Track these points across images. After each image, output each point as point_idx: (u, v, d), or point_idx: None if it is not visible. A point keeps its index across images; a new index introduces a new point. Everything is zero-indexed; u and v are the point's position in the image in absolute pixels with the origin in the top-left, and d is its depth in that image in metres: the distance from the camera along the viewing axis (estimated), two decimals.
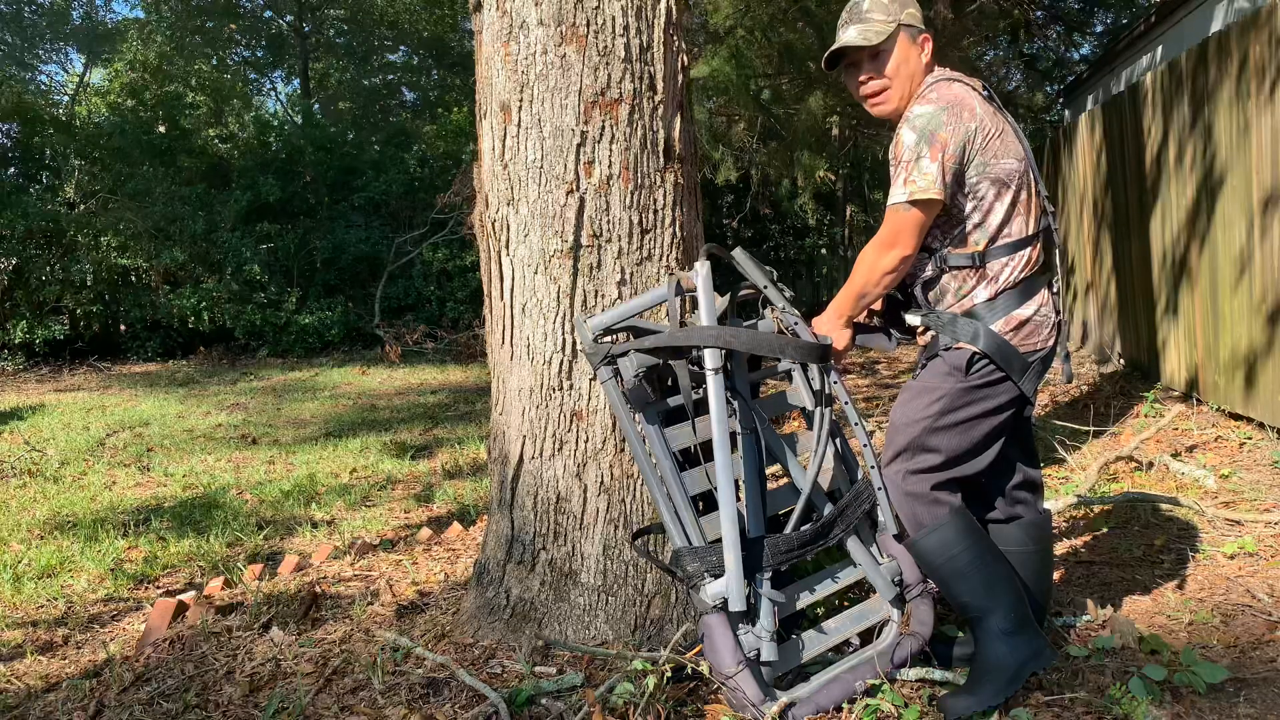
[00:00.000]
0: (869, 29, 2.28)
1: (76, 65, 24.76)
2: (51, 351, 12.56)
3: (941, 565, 2.28)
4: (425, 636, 2.79)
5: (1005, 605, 2.26)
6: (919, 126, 2.17)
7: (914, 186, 2.15)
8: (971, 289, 2.27)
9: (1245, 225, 4.91)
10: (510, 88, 2.58)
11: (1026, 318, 2.25)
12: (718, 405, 2.25)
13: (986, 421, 2.28)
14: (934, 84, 2.27)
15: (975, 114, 2.18)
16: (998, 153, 2.20)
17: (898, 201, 2.18)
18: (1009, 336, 2.24)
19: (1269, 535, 3.35)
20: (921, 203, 2.16)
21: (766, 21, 8.53)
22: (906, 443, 2.31)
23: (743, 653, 2.16)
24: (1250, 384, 4.93)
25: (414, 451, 6.14)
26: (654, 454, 2.35)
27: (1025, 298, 2.25)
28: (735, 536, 2.18)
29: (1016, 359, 2.24)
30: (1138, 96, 6.41)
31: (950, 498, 2.31)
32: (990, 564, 2.29)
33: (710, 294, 2.35)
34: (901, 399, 2.37)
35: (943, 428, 2.27)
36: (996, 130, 2.21)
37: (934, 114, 2.17)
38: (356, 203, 14.28)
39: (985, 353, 2.23)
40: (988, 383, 2.26)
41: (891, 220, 2.21)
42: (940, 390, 2.27)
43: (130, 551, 4.05)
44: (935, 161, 2.14)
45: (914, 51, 2.30)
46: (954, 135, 2.15)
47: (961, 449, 2.28)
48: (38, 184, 14.62)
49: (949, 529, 2.27)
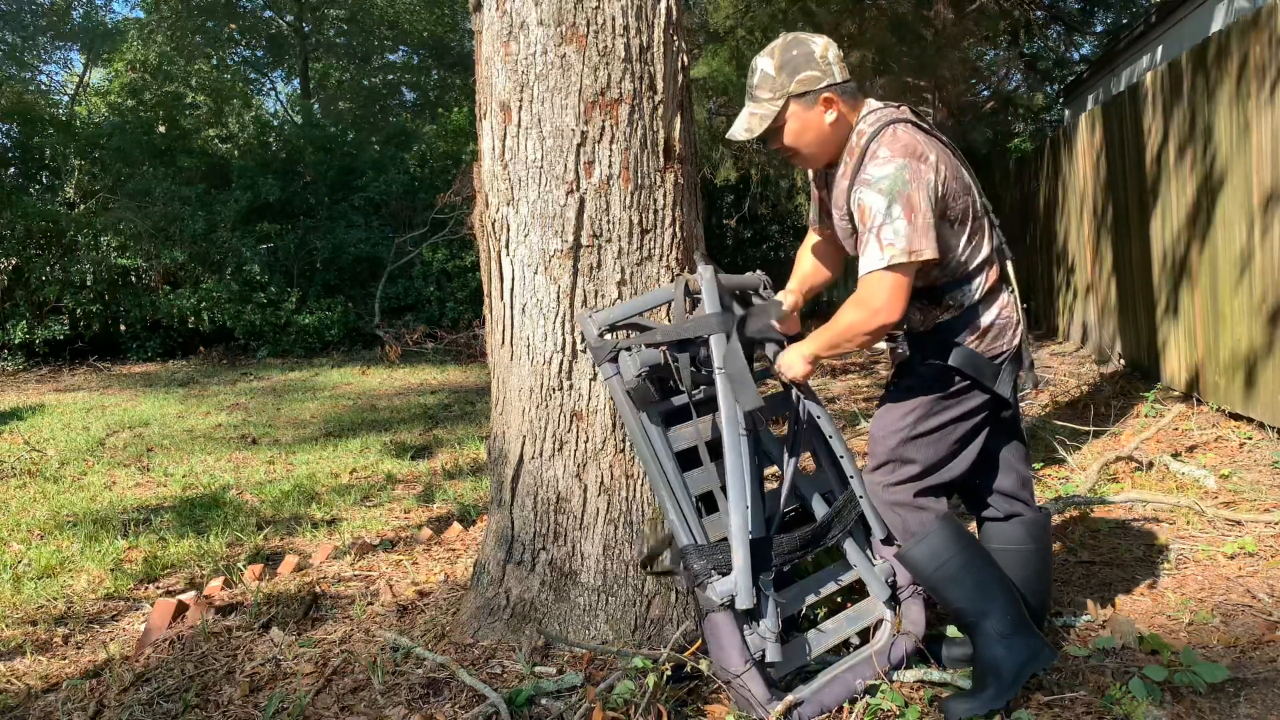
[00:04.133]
0: (751, 119, 2.26)
1: (76, 65, 24.74)
2: (51, 351, 12.55)
3: (933, 573, 2.29)
4: (425, 636, 2.79)
5: (999, 608, 2.26)
6: (885, 189, 2.09)
7: (892, 250, 2.08)
8: (936, 313, 2.30)
9: (1245, 225, 4.91)
10: (510, 88, 2.58)
11: (990, 324, 2.28)
12: (728, 405, 2.25)
13: (959, 427, 2.31)
14: (877, 134, 2.18)
15: (930, 160, 2.13)
16: (954, 194, 2.18)
17: (875, 268, 2.10)
18: (974, 345, 2.27)
19: (1269, 535, 3.35)
20: (901, 266, 2.09)
21: (766, 21, 8.54)
22: (885, 455, 2.35)
23: (749, 652, 2.16)
24: (1250, 384, 4.93)
25: (414, 451, 6.13)
26: (658, 453, 2.36)
27: (987, 308, 2.29)
28: (745, 533, 2.18)
29: (987, 366, 2.27)
30: (1138, 96, 6.41)
31: (935, 504, 2.33)
32: (981, 567, 2.30)
33: (715, 296, 2.36)
34: (878, 413, 2.41)
35: (918, 436, 2.30)
36: (949, 169, 2.18)
37: (896, 174, 2.09)
38: (356, 203, 14.28)
39: (957, 366, 2.25)
40: (959, 390, 2.29)
41: (871, 284, 2.12)
42: (915, 401, 2.31)
43: (130, 551, 4.05)
44: (910, 222, 2.07)
45: (814, 117, 2.22)
46: (919, 190, 2.09)
47: (938, 457, 2.32)
48: (38, 184, 14.64)
49: (936, 536, 2.29)
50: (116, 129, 14.01)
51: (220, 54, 22.17)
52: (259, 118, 17.38)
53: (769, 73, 2.23)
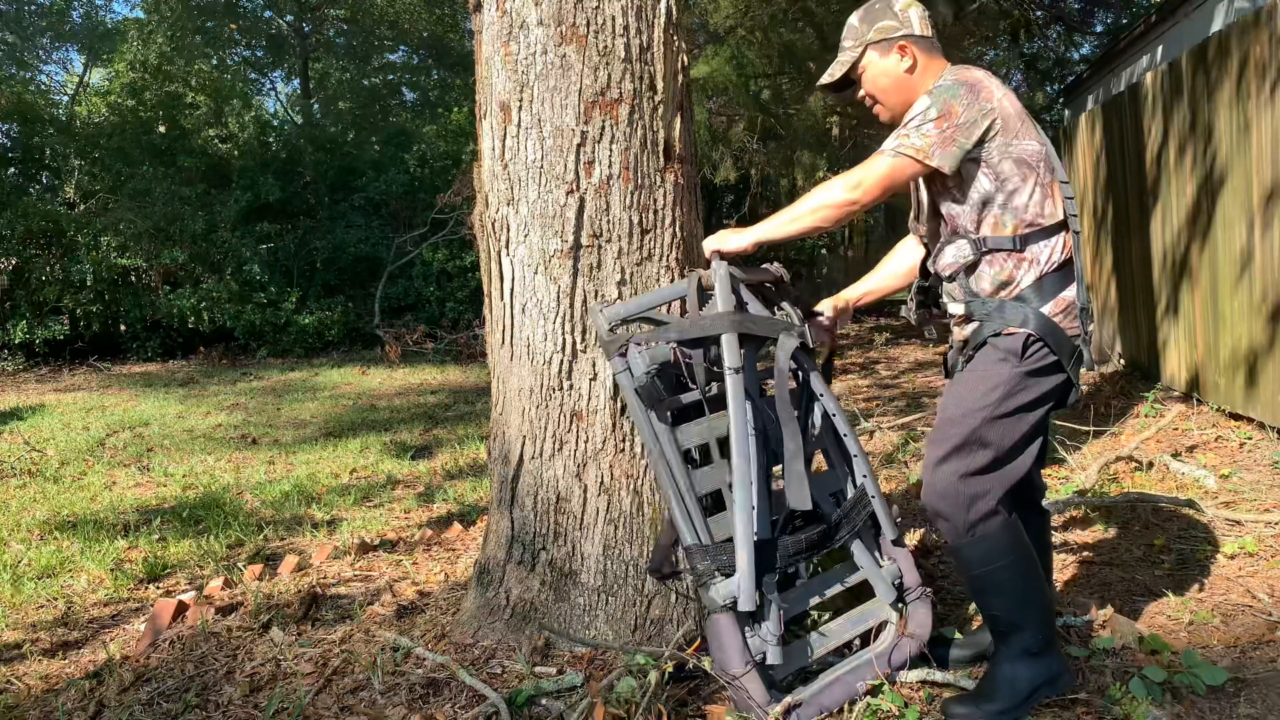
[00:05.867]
0: (835, 66, 2.38)
1: (76, 65, 24.76)
2: (51, 351, 12.56)
3: (981, 574, 2.22)
4: (425, 636, 2.79)
5: (1036, 624, 2.21)
6: (933, 94, 2.17)
7: (905, 141, 2.15)
8: (1015, 273, 2.21)
9: (1246, 225, 4.91)
10: (510, 88, 2.58)
11: (1070, 300, 2.20)
12: (737, 404, 2.24)
13: (1034, 412, 2.21)
14: (951, 70, 2.27)
15: (993, 95, 2.16)
16: (1019, 133, 2.17)
17: (883, 149, 2.17)
18: (1057, 319, 2.18)
19: (1269, 535, 3.35)
20: (904, 159, 2.15)
21: (766, 21, 8.54)
22: (963, 437, 2.18)
23: (750, 654, 2.16)
24: (1251, 384, 4.93)
25: (414, 451, 6.14)
26: (665, 450, 2.35)
27: (1067, 282, 2.21)
28: (750, 535, 2.17)
29: (1066, 343, 2.18)
30: (1138, 96, 6.41)
31: (1005, 508, 2.21)
32: (1030, 581, 2.23)
33: (728, 292, 2.35)
34: (952, 391, 2.27)
35: (1001, 416, 2.17)
36: (1016, 111, 2.19)
37: (951, 86, 2.16)
38: (356, 203, 14.28)
39: (1039, 335, 2.16)
40: (1042, 368, 2.18)
41: (866, 164, 2.19)
42: (998, 377, 2.18)
43: (130, 551, 4.05)
44: (938, 129, 2.13)
45: (890, 64, 2.31)
46: (967, 109, 2.13)
47: (1011, 444, 2.19)
48: (38, 184, 14.64)
49: (997, 540, 2.19)
50: (116, 129, 14.00)
51: (220, 54, 22.17)
52: (259, 118, 17.36)
53: (853, 24, 2.37)
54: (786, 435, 2.28)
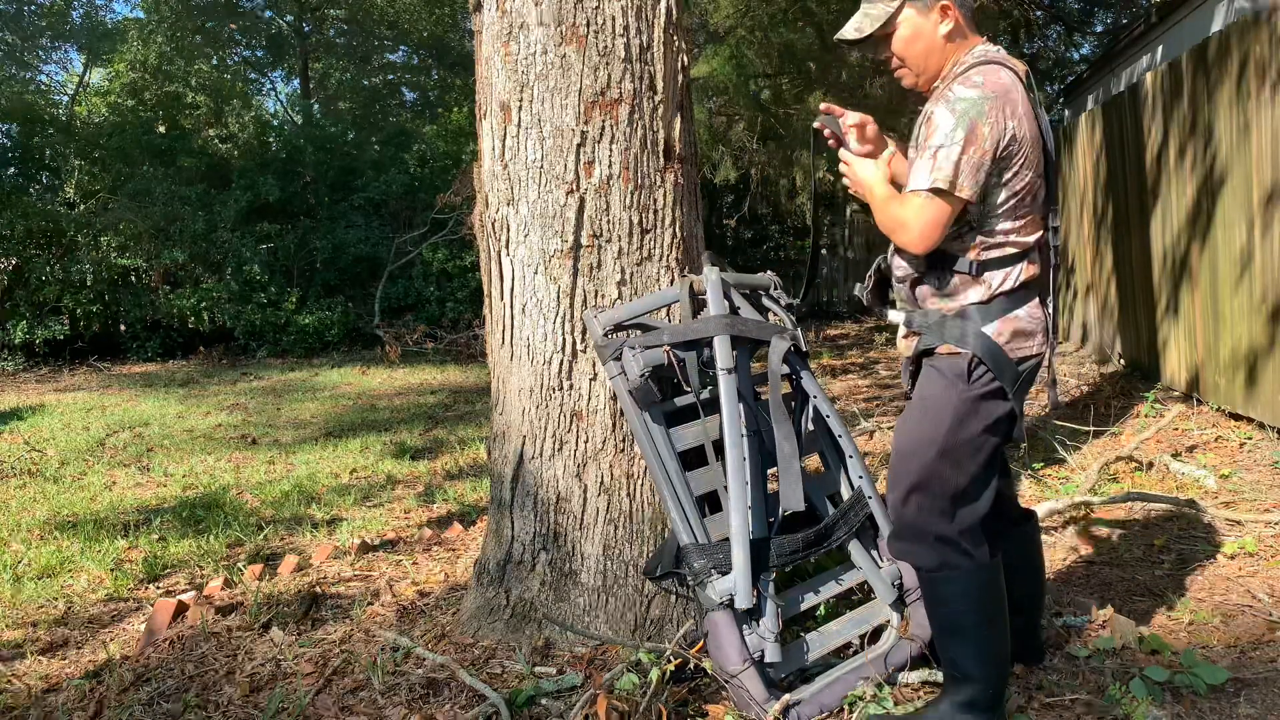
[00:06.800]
0: (863, 19, 2.16)
1: (76, 65, 24.73)
2: (51, 351, 12.55)
3: (943, 614, 2.15)
4: (425, 636, 2.79)
5: (988, 680, 2.11)
6: (960, 111, 1.97)
7: (939, 174, 1.96)
8: (960, 289, 2.10)
9: (1245, 225, 4.91)
10: (510, 88, 2.58)
11: (1017, 320, 2.08)
12: (730, 405, 2.25)
13: (990, 439, 2.09)
14: (979, 66, 2.06)
15: (1017, 113, 2.01)
16: (1025, 163, 2.03)
17: (920, 187, 1.99)
18: (1001, 340, 2.06)
19: (1269, 535, 3.35)
20: (943, 195, 1.97)
21: (766, 21, 8.53)
22: (918, 475, 2.08)
23: (748, 651, 2.16)
24: (1251, 384, 4.93)
25: (414, 451, 6.13)
26: (661, 452, 2.36)
27: (1017, 302, 2.09)
28: (745, 533, 2.18)
29: (1009, 368, 2.06)
30: (1138, 96, 6.41)
31: (972, 547, 2.10)
32: (993, 634, 2.12)
33: (720, 298, 2.36)
34: (902, 424, 2.17)
35: (958, 445, 2.06)
36: (1033, 136, 2.05)
37: (978, 100, 1.97)
38: (356, 203, 14.27)
39: (979, 357, 2.04)
40: (989, 393, 2.06)
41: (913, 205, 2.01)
42: (945, 403, 2.07)
43: (130, 551, 4.05)
44: (965, 153, 1.96)
45: (928, 25, 2.10)
46: (993, 130, 1.97)
47: (971, 474, 2.07)
48: (38, 184, 14.62)
49: (965, 584, 2.10)
50: (116, 129, 14.00)
51: (220, 54, 22.16)
52: (259, 118, 17.36)
53: None
54: (780, 436, 2.28)
